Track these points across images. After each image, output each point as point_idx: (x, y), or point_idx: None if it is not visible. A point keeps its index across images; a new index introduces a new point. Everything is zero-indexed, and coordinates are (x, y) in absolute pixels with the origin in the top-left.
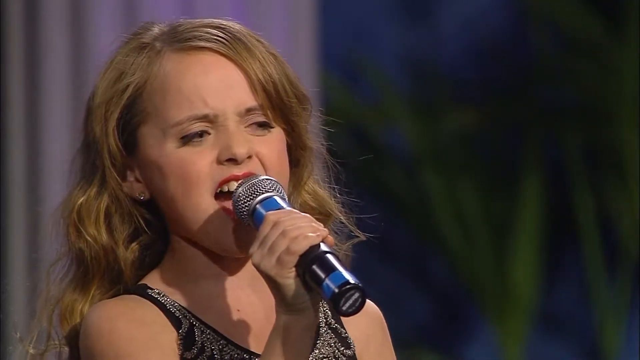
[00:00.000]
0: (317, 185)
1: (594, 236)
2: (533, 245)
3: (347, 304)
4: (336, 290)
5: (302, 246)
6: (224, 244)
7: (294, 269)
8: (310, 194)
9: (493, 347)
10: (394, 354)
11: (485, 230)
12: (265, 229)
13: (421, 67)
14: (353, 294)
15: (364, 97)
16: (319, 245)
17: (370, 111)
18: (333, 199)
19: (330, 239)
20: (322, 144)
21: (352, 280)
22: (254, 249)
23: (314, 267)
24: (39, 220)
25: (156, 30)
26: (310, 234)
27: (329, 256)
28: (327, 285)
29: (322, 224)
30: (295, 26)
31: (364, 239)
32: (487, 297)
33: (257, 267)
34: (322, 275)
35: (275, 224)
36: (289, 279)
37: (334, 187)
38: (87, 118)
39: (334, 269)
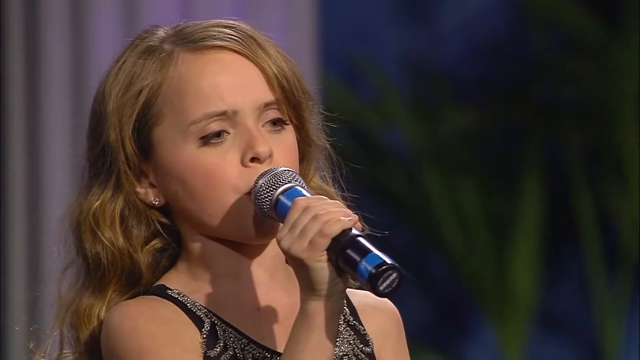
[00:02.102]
0: (322, 181)
1: (594, 236)
2: (533, 245)
3: (385, 284)
4: (373, 271)
5: (335, 229)
6: (246, 229)
7: (325, 252)
8: (316, 190)
9: (493, 347)
10: (407, 352)
11: (485, 230)
12: (295, 213)
13: (421, 67)
14: (390, 274)
15: (364, 97)
16: (351, 228)
17: (370, 111)
18: (338, 193)
19: (360, 225)
20: (327, 140)
21: (388, 260)
22: (282, 233)
23: (349, 250)
24: (40, 221)
25: (161, 32)
26: (342, 217)
27: (362, 239)
28: (364, 267)
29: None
30: (295, 26)
31: (369, 232)
32: (487, 297)
33: (287, 252)
34: (358, 258)
35: (306, 209)
36: (321, 262)
37: (340, 184)
38: (100, 124)
39: (369, 250)
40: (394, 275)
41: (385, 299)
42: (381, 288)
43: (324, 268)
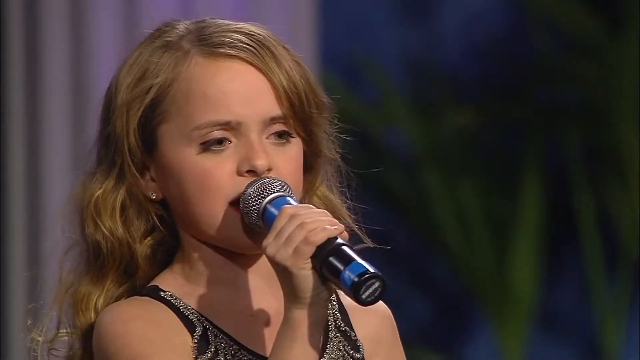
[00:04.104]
0: (328, 192)
1: (594, 236)
2: (533, 246)
3: (367, 293)
4: (356, 280)
5: (320, 237)
6: (238, 242)
7: (310, 260)
8: (321, 199)
9: (493, 347)
10: (404, 354)
11: (485, 230)
12: (281, 221)
13: (421, 67)
14: (373, 283)
15: (364, 97)
16: (336, 237)
17: (370, 111)
18: (344, 205)
19: (346, 234)
20: (337, 152)
21: (371, 269)
22: (268, 240)
23: (332, 258)
24: (39, 220)
25: (182, 28)
26: (328, 226)
27: (346, 247)
28: (347, 275)
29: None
30: (295, 26)
31: (372, 246)
32: (487, 297)
33: (272, 259)
34: (341, 266)
35: (293, 216)
36: (305, 270)
37: (346, 192)
38: (108, 113)
39: (352, 259)
40: (377, 284)
41: (380, 301)
42: (364, 297)
43: (308, 276)
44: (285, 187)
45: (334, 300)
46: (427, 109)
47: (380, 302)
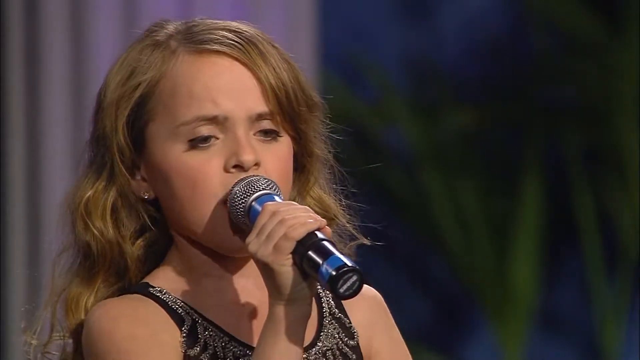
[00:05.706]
0: (322, 191)
1: (594, 236)
2: (533, 246)
3: (345, 287)
4: (333, 273)
5: (299, 232)
6: (227, 245)
7: (290, 256)
8: (314, 199)
9: (493, 347)
10: (399, 333)
11: (485, 230)
12: (263, 218)
13: (421, 67)
14: (351, 277)
15: (364, 97)
16: (316, 233)
17: (370, 111)
18: (338, 204)
19: (328, 229)
20: (330, 151)
21: (349, 263)
22: (250, 237)
23: (311, 252)
24: (39, 219)
25: (171, 28)
26: (308, 221)
27: (326, 242)
28: (325, 269)
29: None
30: (295, 26)
31: (368, 243)
32: (487, 297)
33: (254, 256)
34: (320, 260)
35: (274, 213)
36: (286, 266)
37: (339, 192)
38: (98, 113)
39: (331, 253)
40: (354, 277)
41: (368, 286)
42: (341, 290)
43: (288, 272)
44: (272, 185)
45: None
46: (427, 109)
47: (369, 287)
